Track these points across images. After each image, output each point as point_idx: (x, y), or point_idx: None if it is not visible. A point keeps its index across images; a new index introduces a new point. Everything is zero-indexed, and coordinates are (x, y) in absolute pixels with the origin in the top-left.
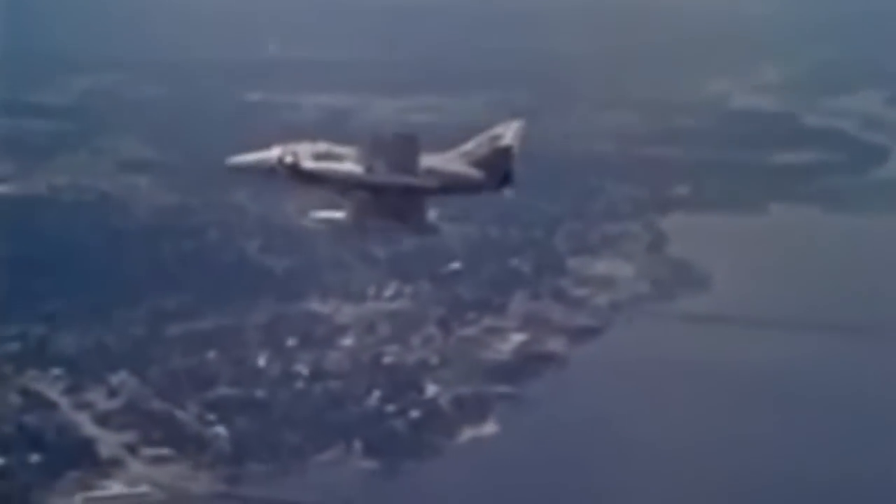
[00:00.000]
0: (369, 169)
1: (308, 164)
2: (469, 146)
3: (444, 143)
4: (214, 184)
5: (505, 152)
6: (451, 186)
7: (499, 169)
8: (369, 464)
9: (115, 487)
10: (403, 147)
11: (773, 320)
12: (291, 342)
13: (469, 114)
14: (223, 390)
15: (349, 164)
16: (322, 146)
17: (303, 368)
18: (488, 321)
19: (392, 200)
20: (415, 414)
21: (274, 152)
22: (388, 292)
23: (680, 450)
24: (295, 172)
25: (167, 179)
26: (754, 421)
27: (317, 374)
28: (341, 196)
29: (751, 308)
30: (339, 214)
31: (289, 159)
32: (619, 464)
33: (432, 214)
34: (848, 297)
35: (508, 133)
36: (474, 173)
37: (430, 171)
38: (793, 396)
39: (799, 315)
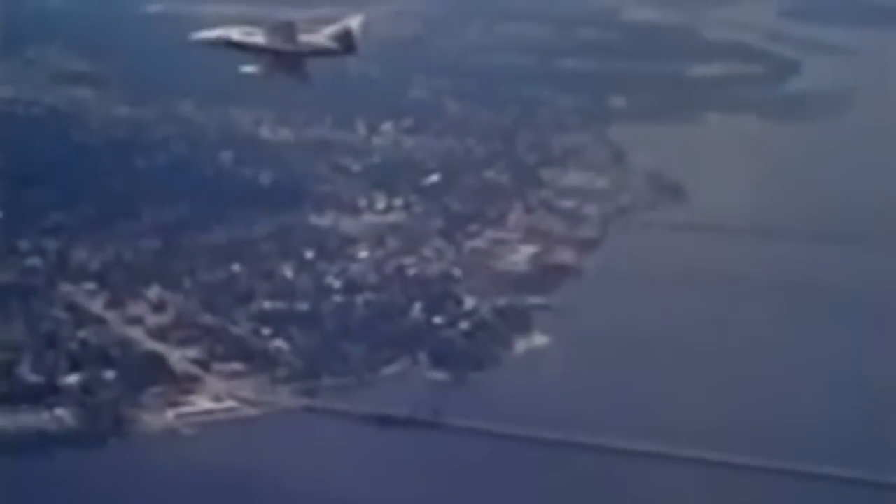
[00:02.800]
0: (271, 41)
1: (236, 37)
2: (330, 29)
3: None
4: (157, 95)
5: (348, 32)
6: (319, 52)
7: (346, 42)
8: (438, 375)
9: (202, 403)
10: (289, 28)
11: (755, 228)
12: (309, 255)
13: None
14: (267, 304)
15: (260, 38)
16: (245, 28)
17: (333, 281)
18: (491, 233)
19: (285, 60)
20: (464, 325)
21: (216, 32)
22: (380, 205)
23: (726, 354)
24: (228, 43)
25: (109, 92)
26: (781, 324)
27: (350, 287)
28: (257, 57)
29: (730, 216)
30: (255, 69)
31: (224, 35)
32: (674, 368)
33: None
34: (815, 202)
35: (353, 21)
36: (332, 44)
37: (307, 43)
38: (806, 300)
39: (780, 222)
